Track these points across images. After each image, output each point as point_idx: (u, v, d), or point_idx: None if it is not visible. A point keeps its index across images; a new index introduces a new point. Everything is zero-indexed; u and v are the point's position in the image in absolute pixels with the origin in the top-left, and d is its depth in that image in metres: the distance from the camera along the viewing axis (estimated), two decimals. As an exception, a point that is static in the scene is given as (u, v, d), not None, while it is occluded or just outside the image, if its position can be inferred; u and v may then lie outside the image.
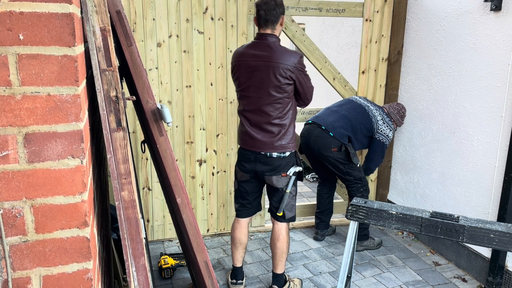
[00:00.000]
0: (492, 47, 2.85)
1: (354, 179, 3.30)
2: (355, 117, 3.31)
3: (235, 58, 2.57)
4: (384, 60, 3.75)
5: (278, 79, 2.40)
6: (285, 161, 2.56)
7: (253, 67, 2.46)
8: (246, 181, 2.71)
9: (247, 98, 2.53)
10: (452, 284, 3.01)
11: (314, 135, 3.31)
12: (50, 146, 1.06)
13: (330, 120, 3.30)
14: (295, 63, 2.42)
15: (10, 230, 1.06)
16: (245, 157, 2.62)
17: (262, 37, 2.49)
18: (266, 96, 2.45)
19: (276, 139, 2.50)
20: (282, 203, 2.63)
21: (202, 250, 1.78)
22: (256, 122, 2.52)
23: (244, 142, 2.59)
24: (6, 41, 0.98)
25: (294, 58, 2.43)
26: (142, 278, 1.31)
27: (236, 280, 2.89)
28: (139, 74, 1.67)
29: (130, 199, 1.34)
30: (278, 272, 2.77)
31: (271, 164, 2.55)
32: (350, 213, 1.94)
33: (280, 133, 2.50)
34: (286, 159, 2.56)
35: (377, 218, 1.86)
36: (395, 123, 3.49)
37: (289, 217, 2.70)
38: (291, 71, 2.41)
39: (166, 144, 1.70)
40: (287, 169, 2.58)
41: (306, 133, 3.39)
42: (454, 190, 3.25)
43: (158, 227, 3.48)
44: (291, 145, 2.56)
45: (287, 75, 2.40)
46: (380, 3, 3.60)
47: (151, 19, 3.10)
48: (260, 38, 2.50)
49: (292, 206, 2.69)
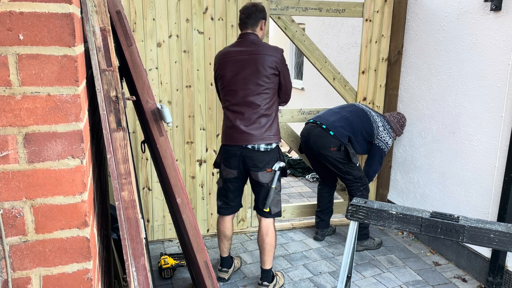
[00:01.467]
0: (492, 47, 2.85)
1: (354, 178, 3.31)
2: (357, 120, 3.32)
3: (218, 58, 2.69)
4: (384, 60, 3.75)
5: (265, 69, 2.54)
6: (269, 156, 2.63)
7: (240, 61, 2.58)
8: (231, 179, 2.75)
9: (234, 93, 2.62)
10: (452, 284, 3.01)
11: (313, 134, 3.32)
12: (50, 146, 1.06)
13: (332, 119, 3.31)
14: (279, 56, 2.58)
15: (10, 230, 1.06)
16: (229, 153, 2.67)
17: (245, 36, 2.64)
18: (255, 87, 2.56)
19: (265, 129, 2.59)
20: (268, 199, 2.68)
21: (202, 250, 1.78)
22: (244, 115, 2.60)
23: (230, 138, 2.65)
24: (6, 41, 0.98)
25: (277, 52, 2.59)
26: (142, 278, 1.31)
27: (222, 267, 3.00)
28: (139, 74, 1.67)
29: (130, 199, 1.34)
30: (267, 267, 2.80)
31: (257, 159, 2.61)
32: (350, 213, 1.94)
33: (267, 123, 2.60)
34: (270, 154, 2.63)
35: (377, 218, 1.86)
36: (394, 131, 3.52)
37: (275, 212, 2.74)
38: (277, 62, 2.56)
39: (166, 144, 1.70)
40: (271, 164, 2.64)
41: (306, 132, 3.40)
42: (454, 190, 3.25)
43: (158, 227, 3.48)
44: (277, 137, 2.65)
45: (273, 66, 2.55)
46: (380, 3, 3.60)
47: (151, 19, 3.10)
48: (243, 37, 2.65)
49: (277, 202, 2.74)
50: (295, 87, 7.69)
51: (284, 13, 3.44)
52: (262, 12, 2.63)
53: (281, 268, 3.17)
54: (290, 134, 3.78)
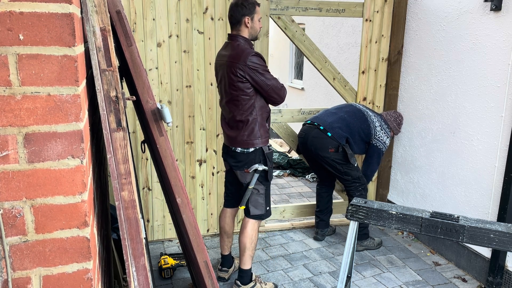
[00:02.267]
0: (492, 47, 2.85)
1: (353, 178, 3.31)
2: (354, 120, 3.33)
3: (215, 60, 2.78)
4: (384, 60, 3.75)
5: (231, 77, 2.52)
6: (248, 157, 2.64)
7: (220, 66, 2.64)
8: (227, 171, 2.91)
9: (220, 96, 2.74)
10: (452, 284, 3.02)
11: (311, 135, 3.32)
12: (50, 146, 1.06)
13: (329, 120, 3.31)
14: (245, 62, 2.47)
15: (10, 230, 1.06)
16: (223, 149, 2.84)
17: (229, 37, 2.65)
18: (227, 94, 2.61)
19: (240, 134, 2.61)
20: (244, 197, 2.72)
21: (202, 250, 1.78)
22: (226, 118, 2.71)
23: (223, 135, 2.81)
24: (6, 41, 0.98)
25: (244, 57, 2.47)
26: (142, 278, 1.31)
27: (222, 266, 3.02)
28: (139, 74, 1.67)
29: (130, 199, 1.34)
30: (242, 267, 2.82)
31: (236, 158, 2.68)
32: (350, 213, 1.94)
33: (242, 129, 2.60)
34: (250, 156, 2.64)
35: (377, 218, 1.86)
36: (392, 130, 3.52)
37: (254, 214, 2.75)
38: (241, 70, 2.48)
39: (166, 144, 1.70)
40: (249, 166, 2.66)
41: (303, 133, 3.40)
42: (454, 190, 3.25)
43: (158, 227, 3.48)
44: (256, 141, 2.62)
45: (237, 74, 2.49)
46: (380, 3, 3.60)
47: (151, 19, 3.10)
48: (228, 39, 2.67)
49: (259, 204, 2.74)
50: (295, 87, 7.69)
51: (284, 13, 3.44)
52: (244, 8, 2.49)
53: (281, 268, 3.17)
54: (290, 134, 3.78)
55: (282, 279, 3.03)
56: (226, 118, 2.70)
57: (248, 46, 2.56)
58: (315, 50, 3.61)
